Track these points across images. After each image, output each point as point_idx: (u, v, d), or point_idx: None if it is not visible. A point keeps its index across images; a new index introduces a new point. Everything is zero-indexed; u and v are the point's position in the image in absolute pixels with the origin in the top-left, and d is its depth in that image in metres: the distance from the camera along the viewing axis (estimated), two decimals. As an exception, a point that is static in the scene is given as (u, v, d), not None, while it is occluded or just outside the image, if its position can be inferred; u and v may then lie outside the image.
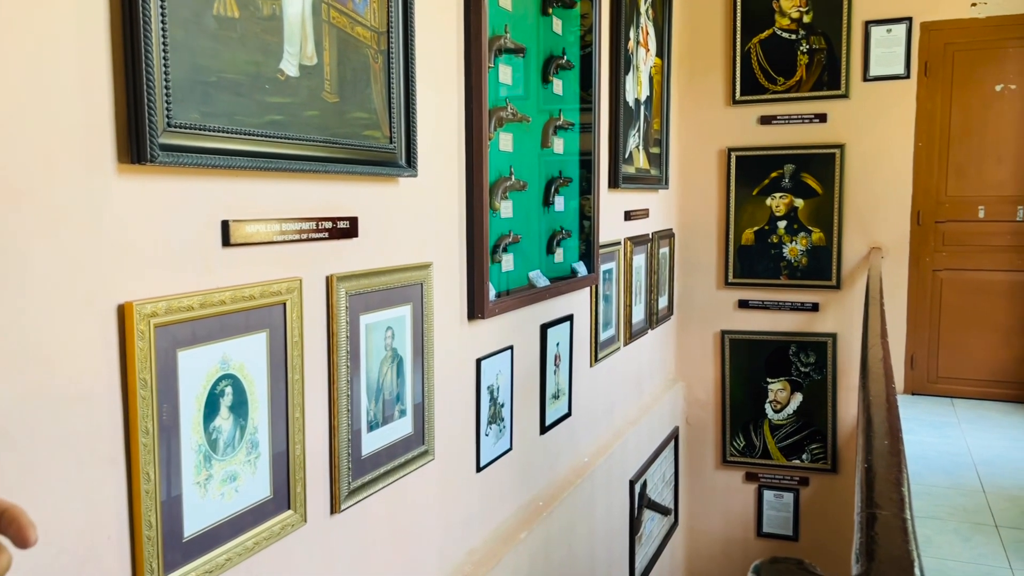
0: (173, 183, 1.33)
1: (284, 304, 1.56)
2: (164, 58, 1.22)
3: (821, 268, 4.66)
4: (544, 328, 2.88)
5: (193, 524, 1.38)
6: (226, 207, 1.44)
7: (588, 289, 3.31)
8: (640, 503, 4.00)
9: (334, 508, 1.76)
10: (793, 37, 4.59)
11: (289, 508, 1.61)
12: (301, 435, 1.62)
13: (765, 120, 4.69)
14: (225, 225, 1.43)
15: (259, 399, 1.52)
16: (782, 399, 4.82)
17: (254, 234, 1.48)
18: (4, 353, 1.09)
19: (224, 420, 1.43)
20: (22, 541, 0.64)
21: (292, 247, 1.60)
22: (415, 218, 2.04)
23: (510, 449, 2.64)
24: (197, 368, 1.37)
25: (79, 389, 1.19)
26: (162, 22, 1.22)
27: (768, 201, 4.73)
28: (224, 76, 1.36)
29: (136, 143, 1.21)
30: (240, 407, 1.47)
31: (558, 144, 2.94)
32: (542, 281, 2.78)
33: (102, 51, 1.19)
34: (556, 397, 3.02)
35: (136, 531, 1.28)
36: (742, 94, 4.71)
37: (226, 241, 1.43)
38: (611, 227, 3.55)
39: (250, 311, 1.48)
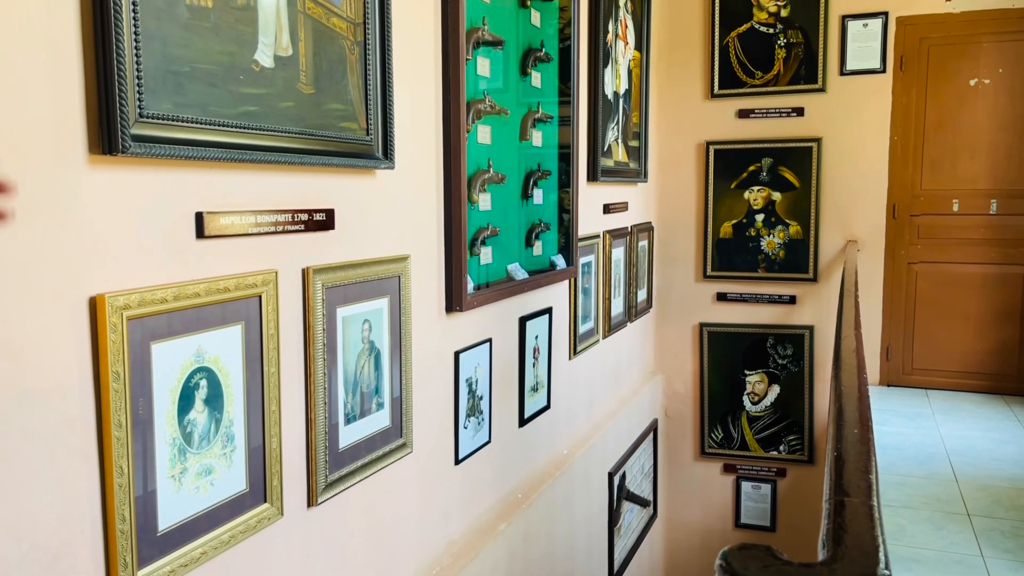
0: (146, 174, 1.32)
1: (260, 297, 1.55)
2: (136, 47, 1.21)
3: (798, 261, 4.70)
4: (523, 321, 2.89)
5: (168, 518, 1.37)
6: (200, 199, 1.43)
7: (567, 282, 3.32)
8: (619, 495, 4.02)
9: (311, 501, 1.76)
10: (771, 31, 4.61)
11: (265, 501, 1.60)
12: (277, 428, 1.62)
13: (743, 114, 4.72)
14: (199, 217, 1.42)
15: (234, 392, 1.51)
16: (760, 391, 4.87)
17: (229, 226, 1.47)
18: (-27, 346, 1.08)
19: (199, 413, 1.43)
20: None
21: (268, 239, 1.59)
22: (392, 210, 2.03)
23: (489, 442, 2.65)
24: (171, 361, 1.36)
25: (50, 382, 1.18)
26: (133, 11, 1.21)
27: (746, 194, 4.76)
28: (197, 66, 1.35)
29: (107, 134, 1.20)
30: (215, 400, 1.46)
31: (537, 137, 2.94)
32: (521, 274, 2.78)
33: (72, 40, 1.18)
34: (535, 390, 3.03)
35: (110, 525, 1.27)
36: (720, 88, 4.73)
37: (200, 233, 1.42)
38: (590, 220, 3.56)
39: (225, 303, 1.47)
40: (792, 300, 4.74)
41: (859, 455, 0.83)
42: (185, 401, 1.40)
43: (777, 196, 4.70)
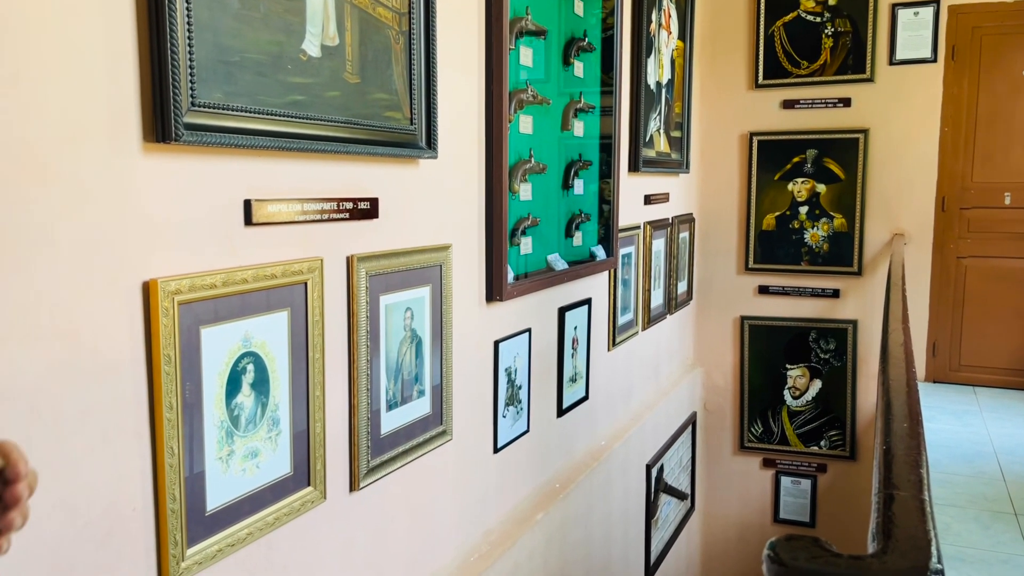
0: (197, 162, 1.35)
1: (305, 284, 1.57)
2: (189, 38, 1.23)
3: (843, 254, 4.62)
4: (562, 311, 2.89)
5: (215, 499, 1.41)
6: (248, 186, 1.45)
7: (607, 273, 3.31)
8: (657, 487, 4.01)
9: (353, 486, 1.78)
10: (818, 20, 4.53)
11: (309, 485, 1.63)
12: (321, 413, 1.64)
13: (788, 104, 4.65)
14: (247, 204, 1.44)
15: (280, 377, 1.53)
16: (801, 385, 4.81)
17: (276, 214, 1.49)
18: (32, 328, 1.11)
19: (246, 397, 1.45)
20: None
21: (313, 227, 1.61)
22: (435, 200, 2.04)
23: (527, 431, 2.65)
24: (220, 345, 1.39)
25: (105, 365, 1.21)
26: (187, 2, 1.23)
27: (790, 186, 4.69)
28: (247, 56, 1.37)
29: (161, 122, 1.23)
30: (261, 384, 1.49)
31: (578, 127, 2.93)
32: (560, 264, 2.78)
33: (128, 31, 1.20)
34: (573, 380, 3.03)
35: (161, 504, 1.30)
36: (765, 78, 4.66)
37: (248, 220, 1.44)
38: (631, 211, 3.54)
39: (272, 290, 1.49)
40: (835, 294, 4.67)
41: (909, 449, 0.81)
42: (233, 385, 1.42)
43: (822, 188, 4.63)
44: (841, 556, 0.57)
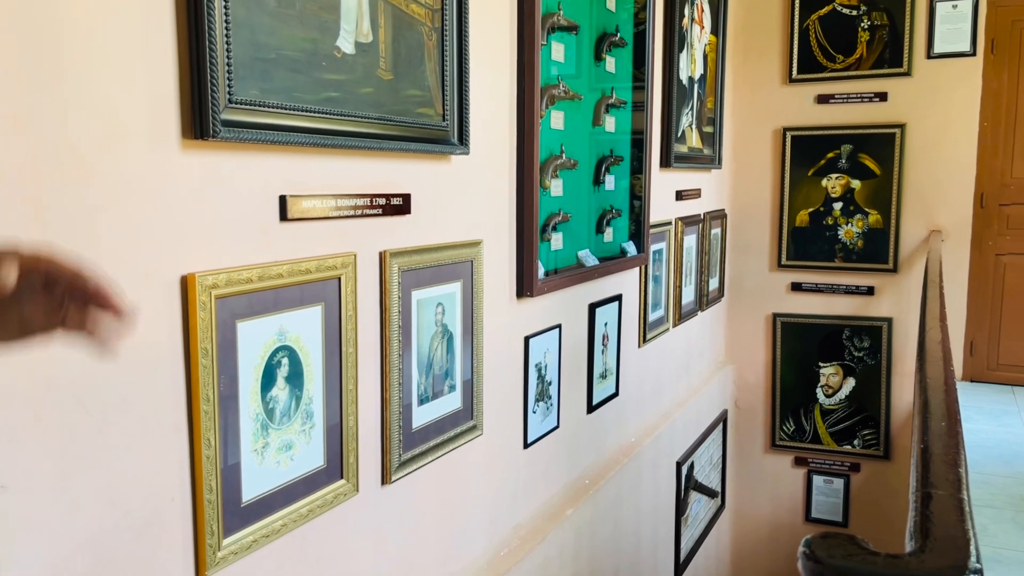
0: (233, 158, 1.36)
1: (339, 279, 1.59)
2: (226, 36, 1.25)
3: (878, 251, 4.55)
4: (592, 307, 2.88)
5: (251, 490, 1.43)
6: (283, 182, 1.47)
7: (637, 269, 3.29)
8: (687, 485, 3.99)
9: (385, 479, 1.80)
10: (854, 13, 4.46)
11: (342, 478, 1.65)
12: (354, 407, 1.66)
13: (822, 99, 4.59)
14: (283, 200, 1.46)
15: (314, 371, 1.55)
16: (834, 384, 4.75)
17: (310, 209, 1.51)
18: (75, 321, 1.14)
19: (280, 390, 1.47)
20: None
21: (347, 223, 1.63)
22: (466, 196, 2.05)
23: (557, 427, 2.66)
24: (255, 339, 1.41)
25: (144, 357, 1.24)
26: (225, 1, 1.25)
27: (824, 182, 4.63)
28: (283, 53, 1.38)
29: (199, 119, 1.24)
30: (296, 378, 1.51)
31: (610, 122, 2.92)
32: (591, 260, 2.77)
33: (168, 30, 1.22)
34: (604, 377, 3.02)
35: (198, 495, 1.32)
36: (799, 72, 4.60)
37: (283, 216, 1.46)
38: (662, 207, 3.52)
39: (306, 285, 1.51)
40: (870, 291, 4.61)
41: (947, 448, 0.80)
42: (268, 378, 1.44)
43: (856, 184, 4.56)
44: (878, 554, 0.56)
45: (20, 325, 0.71)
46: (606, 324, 3.00)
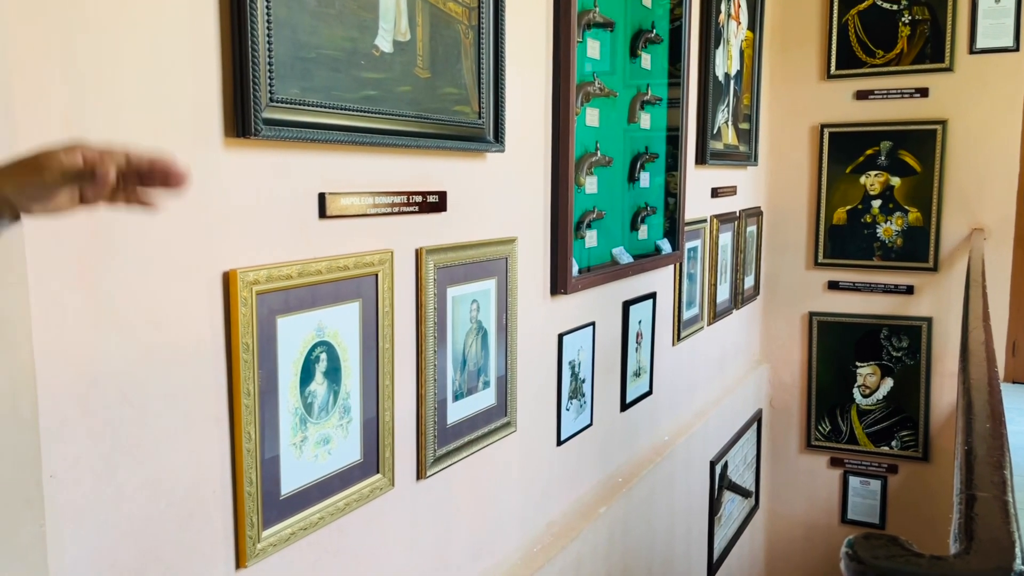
0: (274, 156, 1.38)
1: (376, 275, 1.61)
2: (268, 35, 1.27)
3: (917, 249, 4.48)
4: (626, 305, 2.87)
5: (289, 483, 1.45)
6: (322, 180, 1.49)
7: (672, 267, 3.28)
8: (720, 484, 3.96)
9: (420, 474, 1.81)
10: (894, 7, 4.39)
11: (378, 472, 1.67)
12: (390, 402, 1.67)
13: (861, 95, 4.52)
14: (322, 197, 1.48)
15: (351, 366, 1.57)
16: (871, 384, 4.68)
17: (349, 207, 1.53)
18: (122, 316, 1.17)
19: (319, 385, 1.49)
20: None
21: (384, 220, 1.64)
22: (501, 193, 2.06)
23: (590, 424, 2.65)
24: (294, 334, 1.43)
25: (187, 352, 1.26)
26: (267, 1, 1.26)
27: (862, 179, 4.56)
28: (322, 52, 1.40)
29: (241, 117, 1.27)
30: (334, 373, 1.53)
31: (645, 119, 2.91)
32: (625, 258, 2.76)
33: (211, 30, 1.25)
34: (637, 375, 3.02)
35: (238, 487, 1.35)
36: (837, 68, 4.54)
37: (322, 213, 1.48)
38: (697, 204, 3.50)
39: (344, 281, 1.53)
40: (909, 290, 4.53)
41: (991, 450, 0.79)
42: (306, 373, 1.46)
43: (896, 181, 4.49)
44: (922, 556, 0.56)
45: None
46: (640, 322, 2.99)
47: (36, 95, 1.05)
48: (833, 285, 4.71)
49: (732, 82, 3.82)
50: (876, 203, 4.54)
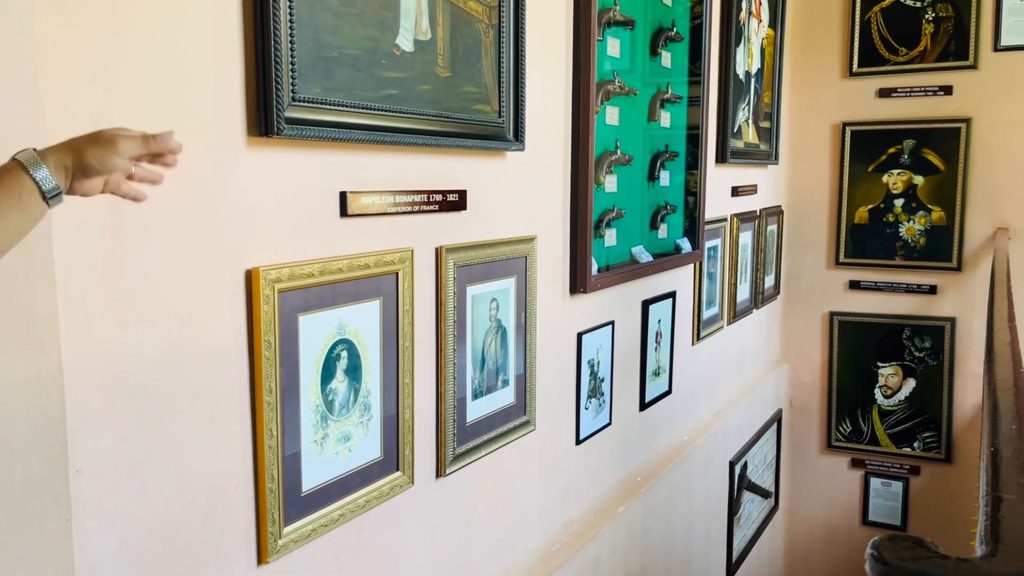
0: (296, 155, 1.39)
1: (397, 274, 1.61)
2: (291, 35, 1.28)
3: (940, 249, 4.43)
4: (646, 304, 2.86)
5: (310, 480, 1.46)
6: (344, 179, 1.49)
7: (692, 266, 3.27)
8: (740, 484, 3.94)
9: (439, 472, 1.82)
10: (918, 5, 4.34)
11: (398, 470, 1.67)
12: (410, 400, 1.68)
13: (884, 93, 4.47)
14: (343, 196, 1.48)
15: (372, 364, 1.58)
16: (893, 384, 4.64)
17: (370, 205, 1.53)
18: (146, 313, 1.18)
19: (340, 383, 1.50)
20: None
21: (404, 219, 1.65)
22: (521, 192, 2.06)
23: (609, 424, 2.65)
24: (316, 332, 1.44)
25: (210, 349, 1.27)
26: (290, 1, 1.27)
27: (884, 178, 4.52)
28: (344, 52, 1.41)
29: (264, 117, 1.27)
30: (354, 371, 1.53)
31: (665, 118, 2.89)
32: (645, 257, 2.76)
33: (235, 30, 1.26)
34: (656, 374, 3.01)
35: (260, 483, 1.36)
36: (860, 66, 4.50)
37: (344, 212, 1.49)
38: (717, 203, 3.48)
39: (365, 279, 1.53)
40: (932, 290, 4.48)
41: (1017, 451, 0.78)
42: (327, 371, 1.47)
43: (919, 180, 4.45)
44: (948, 558, 0.55)
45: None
46: (659, 321, 2.99)
47: (67, 94, 1.06)
48: (854, 285, 4.67)
49: (753, 80, 3.79)
50: (899, 202, 4.50)
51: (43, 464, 1.05)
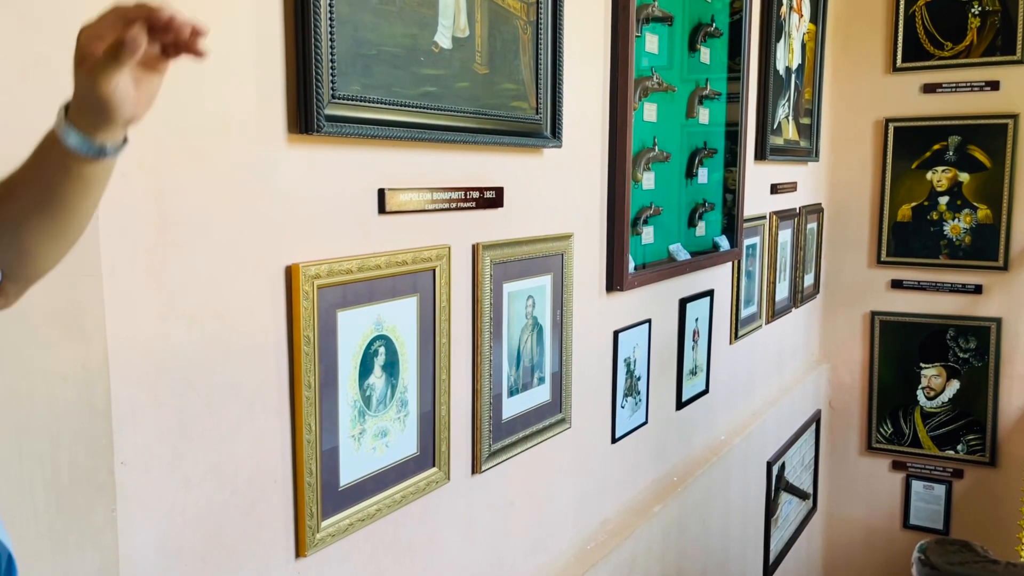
0: (335, 152, 1.40)
1: (434, 270, 1.62)
2: (331, 33, 1.29)
3: (987, 248, 4.32)
4: (683, 303, 2.84)
5: (348, 475, 1.47)
6: (382, 176, 1.50)
7: (730, 264, 3.23)
8: (777, 485, 3.90)
9: (475, 468, 1.82)
10: (964, -2, 4.24)
11: (434, 466, 1.68)
12: (447, 396, 1.68)
13: (929, 88, 4.38)
14: (381, 193, 1.49)
15: (409, 360, 1.58)
16: (936, 386, 4.54)
17: (407, 202, 1.54)
18: (189, 308, 1.20)
19: (377, 378, 1.51)
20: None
21: (441, 216, 1.65)
22: (558, 189, 2.05)
23: (645, 423, 2.63)
24: (354, 328, 1.45)
25: (250, 343, 1.29)
26: (330, -1, 1.28)
27: (928, 175, 4.43)
28: (383, 49, 1.42)
29: (304, 114, 1.29)
30: (392, 367, 1.54)
31: (703, 114, 2.87)
32: (682, 255, 2.73)
33: (276, 27, 1.27)
34: (693, 373, 2.98)
35: (299, 478, 1.37)
36: (904, 61, 4.41)
37: (382, 209, 1.50)
38: (756, 200, 3.44)
39: (402, 276, 1.54)
40: (978, 290, 4.38)
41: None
42: (365, 366, 1.48)
43: (964, 177, 4.35)
44: (999, 562, 0.54)
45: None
46: (696, 320, 2.96)
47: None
48: (897, 284, 4.58)
49: (793, 76, 3.74)
50: (943, 200, 4.40)
51: (89, 455, 1.07)
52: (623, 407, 2.48)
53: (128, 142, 0.77)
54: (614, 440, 2.45)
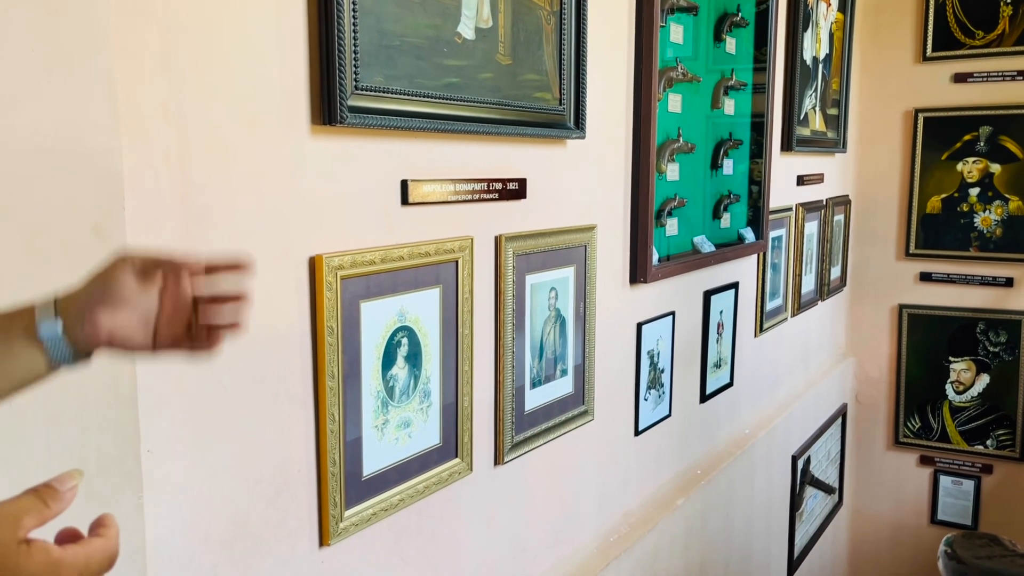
0: (358, 144, 1.41)
1: (456, 262, 1.62)
2: (354, 24, 1.29)
3: (1018, 240, 4.25)
4: (707, 295, 2.82)
5: (371, 465, 1.48)
6: (405, 167, 1.50)
7: (755, 256, 3.20)
8: (802, 479, 3.86)
9: (498, 459, 1.82)
10: (997, -15, 4.16)
11: (457, 457, 1.69)
12: (469, 387, 1.69)
13: (959, 78, 4.30)
14: (404, 184, 1.49)
15: (432, 351, 1.59)
16: (966, 380, 4.48)
17: (430, 193, 1.54)
18: (214, 298, 1.20)
19: (400, 369, 1.52)
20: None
21: (464, 207, 1.65)
22: (581, 180, 2.04)
23: (668, 415, 2.62)
24: (377, 319, 1.45)
25: (274, 333, 1.30)
26: (353, -11, 1.28)
27: (959, 166, 4.35)
28: (406, 40, 1.42)
29: (327, 105, 1.29)
30: (415, 358, 1.55)
31: (729, 105, 2.84)
32: (707, 247, 2.71)
33: (299, 19, 1.27)
34: (718, 366, 2.96)
35: (322, 468, 1.38)
36: (934, 50, 4.33)
37: (404, 200, 1.50)
38: (782, 192, 3.41)
39: (425, 267, 1.54)
40: (1009, 283, 4.31)
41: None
42: (388, 357, 1.49)
43: (996, 168, 4.27)
44: (1028, 557, 0.53)
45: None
46: (721, 312, 2.94)
47: (137, 84, 1.09)
48: (925, 277, 4.51)
49: (820, 66, 3.69)
50: (974, 191, 4.33)
51: (116, 442, 1.09)
52: (646, 400, 2.47)
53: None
54: (637, 433, 2.44)
